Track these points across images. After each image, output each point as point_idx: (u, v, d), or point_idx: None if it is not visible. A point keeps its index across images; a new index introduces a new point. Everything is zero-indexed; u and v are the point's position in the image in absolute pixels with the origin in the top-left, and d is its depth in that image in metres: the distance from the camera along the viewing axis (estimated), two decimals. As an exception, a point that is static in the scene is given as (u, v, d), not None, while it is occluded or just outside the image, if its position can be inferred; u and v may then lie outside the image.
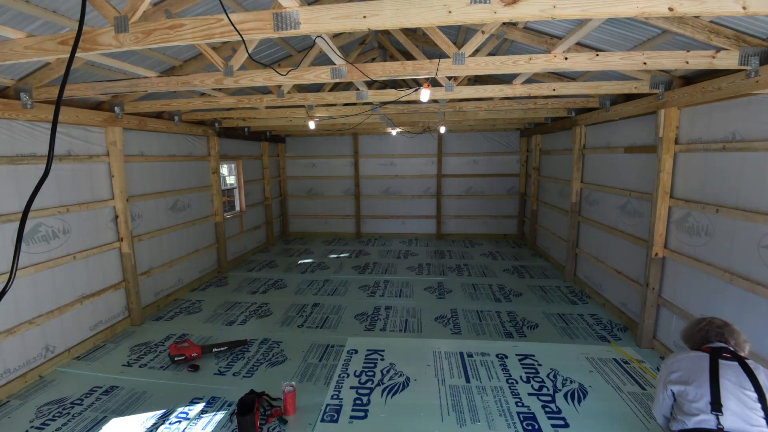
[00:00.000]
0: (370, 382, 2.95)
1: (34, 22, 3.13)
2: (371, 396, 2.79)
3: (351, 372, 3.13)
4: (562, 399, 2.67)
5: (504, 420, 2.49)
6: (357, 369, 3.16)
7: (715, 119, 3.97)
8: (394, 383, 2.94)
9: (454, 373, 3.05)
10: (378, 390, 2.86)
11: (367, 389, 2.87)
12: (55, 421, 3.62)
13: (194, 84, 3.86)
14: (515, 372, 3.02)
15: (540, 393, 2.76)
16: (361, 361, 3.28)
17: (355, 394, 2.85)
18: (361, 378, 3.02)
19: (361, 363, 3.25)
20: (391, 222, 11.59)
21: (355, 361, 3.29)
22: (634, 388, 2.78)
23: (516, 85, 4.54)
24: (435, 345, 3.54)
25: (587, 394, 2.74)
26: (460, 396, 2.74)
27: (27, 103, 3.93)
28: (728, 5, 2.06)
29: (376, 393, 2.83)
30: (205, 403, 3.87)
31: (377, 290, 7.09)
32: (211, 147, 7.82)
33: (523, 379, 2.94)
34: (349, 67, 3.66)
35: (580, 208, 7.09)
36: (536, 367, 3.09)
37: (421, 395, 2.80)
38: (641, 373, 2.96)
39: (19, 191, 4.17)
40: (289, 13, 2.28)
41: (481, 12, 2.15)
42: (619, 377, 2.93)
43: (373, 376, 3.04)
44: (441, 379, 2.99)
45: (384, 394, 2.83)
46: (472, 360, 3.23)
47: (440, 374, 3.06)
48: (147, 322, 5.82)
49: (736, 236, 3.67)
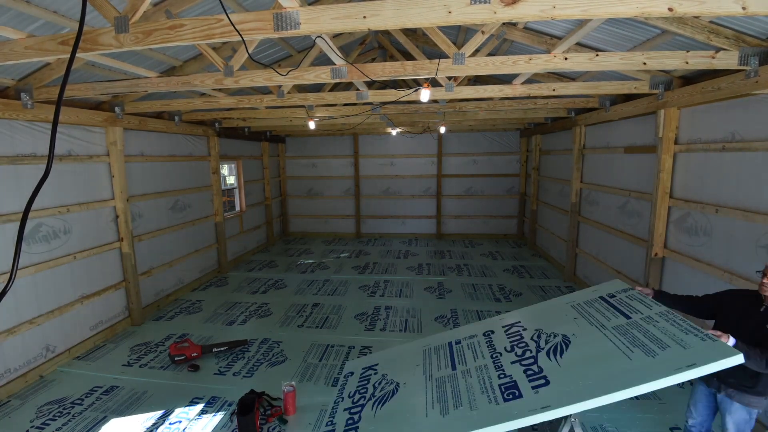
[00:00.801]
0: (363, 399, 2.90)
1: (34, 22, 3.13)
2: (362, 412, 2.74)
3: (346, 395, 3.07)
4: (544, 357, 2.55)
5: (486, 396, 2.42)
6: (351, 390, 3.10)
7: (715, 119, 3.97)
8: (384, 393, 2.88)
9: (441, 365, 2.97)
10: (369, 404, 2.81)
11: (359, 407, 2.82)
12: (56, 421, 3.63)
13: (194, 84, 3.86)
14: (500, 345, 2.90)
15: (523, 358, 2.65)
16: (356, 382, 3.21)
17: (348, 414, 2.79)
18: (354, 398, 2.96)
19: (355, 384, 3.18)
20: (391, 222, 11.59)
21: (350, 384, 3.23)
22: (619, 320, 2.62)
23: (516, 85, 4.54)
24: (425, 342, 3.45)
25: (570, 344, 2.62)
26: (445, 386, 2.68)
27: (27, 103, 3.94)
28: (728, 5, 2.06)
29: (367, 408, 2.78)
30: (205, 403, 3.88)
31: (377, 290, 7.10)
32: (211, 147, 7.82)
33: (507, 349, 2.83)
34: (349, 67, 3.66)
35: (579, 208, 7.09)
36: (521, 333, 2.96)
37: (407, 398, 2.74)
38: (626, 301, 2.79)
39: (20, 191, 4.18)
40: (289, 13, 2.28)
41: (481, 12, 2.15)
42: (603, 314, 2.75)
43: (366, 392, 2.97)
44: (428, 375, 2.92)
45: (374, 406, 2.78)
46: (460, 346, 3.14)
47: (428, 370, 2.99)
48: (147, 322, 5.83)
49: (735, 236, 3.67)
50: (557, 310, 3.08)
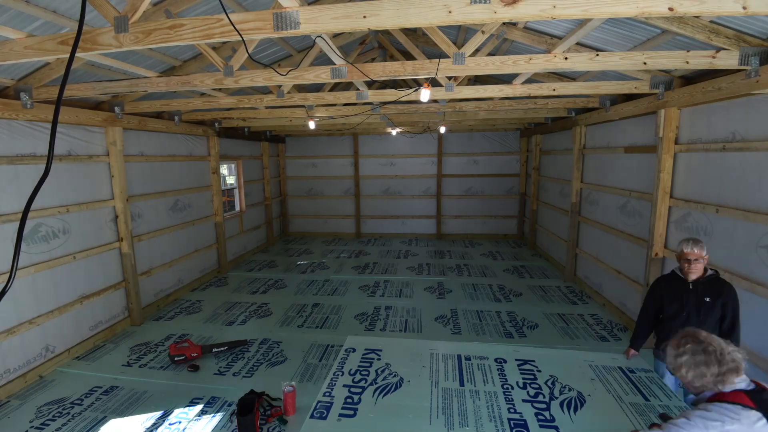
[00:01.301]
0: (364, 381, 2.93)
1: (34, 22, 3.13)
2: (362, 395, 2.77)
3: (346, 370, 3.11)
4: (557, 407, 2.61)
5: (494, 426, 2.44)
6: (352, 368, 3.13)
7: (715, 119, 3.97)
8: (387, 383, 2.91)
9: (449, 376, 3.00)
10: (370, 389, 2.84)
11: (359, 388, 2.86)
12: (55, 421, 3.62)
13: (194, 84, 3.85)
14: (512, 377, 2.96)
15: (535, 400, 2.70)
16: (358, 360, 3.25)
17: (347, 392, 2.83)
18: (355, 377, 3.00)
19: (357, 362, 3.22)
20: (391, 222, 11.59)
21: (351, 360, 3.26)
22: (637, 398, 2.71)
23: (516, 85, 4.54)
24: (434, 347, 3.48)
25: (585, 403, 2.68)
26: (451, 399, 2.71)
27: (27, 103, 3.93)
28: (728, 5, 2.05)
29: (368, 392, 2.82)
30: (205, 403, 3.87)
31: (377, 290, 7.09)
32: (211, 147, 7.82)
33: (519, 384, 2.88)
34: (349, 67, 3.66)
35: (580, 208, 7.09)
36: (535, 373, 3.03)
37: (412, 396, 2.77)
38: (646, 383, 2.91)
39: (19, 191, 4.17)
40: (289, 13, 2.28)
41: (481, 12, 2.15)
42: (622, 386, 2.86)
43: (368, 375, 3.01)
44: (435, 382, 2.95)
45: (375, 393, 2.81)
46: (470, 363, 3.18)
47: (435, 376, 3.01)
48: (147, 322, 5.82)
49: (736, 236, 3.67)
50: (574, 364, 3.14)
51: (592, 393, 2.76)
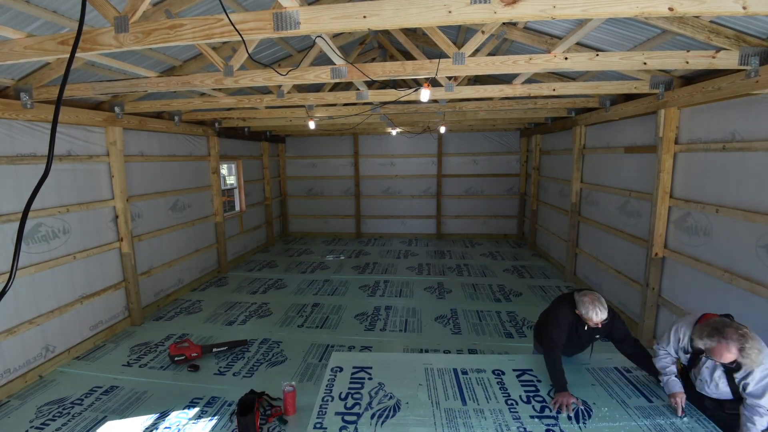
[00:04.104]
0: (358, 407, 2.66)
1: (34, 22, 3.13)
2: (358, 424, 2.57)
3: (336, 394, 2.80)
4: (566, 421, 2.56)
5: None
6: (342, 391, 2.85)
7: (715, 119, 3.97)
8: (384, 407, 2.67)
9: (449, 394, 2.83)
10: (366, 416, 2.58)
11: (354, 415, 2.58)
12: (55, 421, 3.62)
13: (194, 84, 3.85)
14: (514, 391, 2.84)
15: (542, 415, 2.59)
16: (347, 381, 2.95)
17: (341, 422, 2.53)
18: (347, 402, 2.71)
19: (347, 383, 2.94)
20: (391, 222, 11.59)
21: (340, 381, 2.95)
22: (641, 401, 2.68)
23: (516, 85, 4.54)
24: (427, 360, 3.30)
25: (592, 412, 2.63)
26: (456, 421, 2.54)
27: (27, 103, 3.93)
28: (728, 5, 2.06)
29: (365, 419, 2.55)
30: (205, 403, 3.87)
31: (377, 290, 7.09)
32: (211, 147, 7.82)
33: (524, 399, 2.76)
34: (349, 67, 3.66)
35: (580, 208, 7.09)
36: (536, 384, 2.92)
37: (414, 422, 2.54)
38: (645, 382, 2.89)
39: (19, 191, 4.17)
40: (289, 13, 2.28)
41: (481, 12, 2.15)
42: (623, 389, 2.82)
43: (360, 399, 2.71)
44: (435, 402, 2.75)
45: (373, 421, 2.56)
46: (468, 378, 3.01)
47: (434, 395, 2.83)
48: (147, 322, 5.82)
49: (736, 236, 3.67)
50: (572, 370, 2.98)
51: (597, 401, 2.67)
